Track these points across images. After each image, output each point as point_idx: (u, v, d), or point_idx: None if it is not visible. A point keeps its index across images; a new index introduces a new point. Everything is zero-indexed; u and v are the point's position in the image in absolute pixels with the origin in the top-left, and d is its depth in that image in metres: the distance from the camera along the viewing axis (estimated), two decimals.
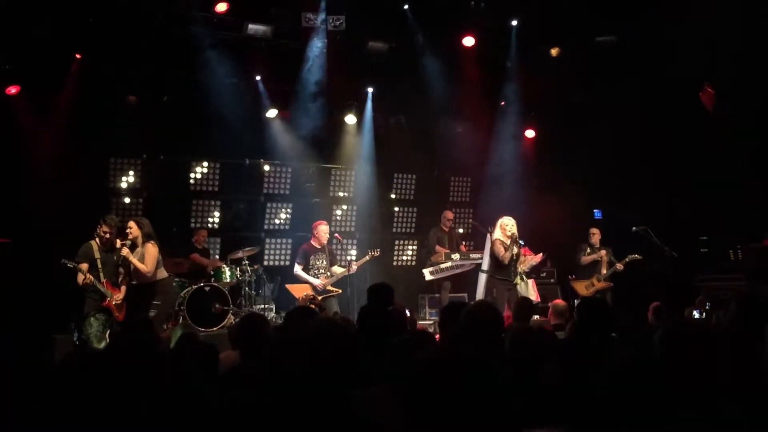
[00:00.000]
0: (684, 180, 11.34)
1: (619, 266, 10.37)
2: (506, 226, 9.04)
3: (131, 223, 8.11)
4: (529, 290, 9.67)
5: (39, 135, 9.38)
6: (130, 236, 8.02)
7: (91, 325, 4.40)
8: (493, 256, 9.12)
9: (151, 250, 8.01)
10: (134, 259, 7.94)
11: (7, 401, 2.63)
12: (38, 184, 9.18)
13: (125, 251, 7.93)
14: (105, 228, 7.86)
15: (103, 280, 7.80)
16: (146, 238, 8.05)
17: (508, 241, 8.95)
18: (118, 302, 7.85)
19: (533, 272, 10.54)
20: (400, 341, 3.04)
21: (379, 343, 3.34)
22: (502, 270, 9.02)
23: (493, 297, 9.38)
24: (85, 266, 7.68)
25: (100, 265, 7.79)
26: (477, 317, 3.84)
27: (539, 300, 10.12)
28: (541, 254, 9.81)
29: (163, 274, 8.22)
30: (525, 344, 3.67)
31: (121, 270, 8.05)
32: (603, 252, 10.59)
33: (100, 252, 7.84)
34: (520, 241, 9.09)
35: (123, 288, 7.99)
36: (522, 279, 9.19)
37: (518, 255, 9.14)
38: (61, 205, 9.21)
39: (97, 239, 7.88)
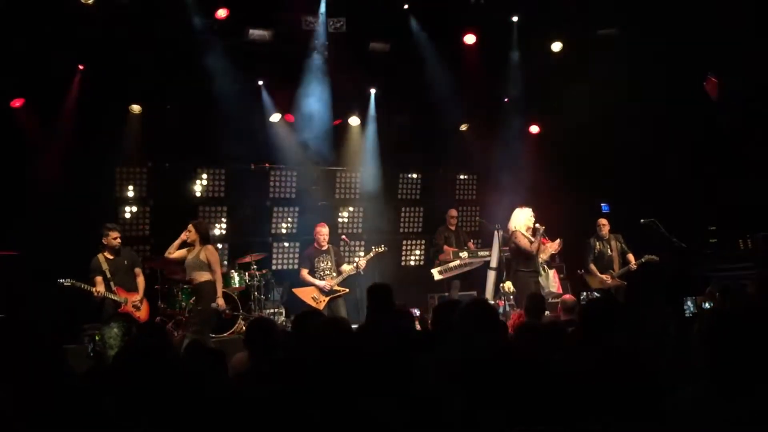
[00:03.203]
0: (691, 170, 11.27)
1: (633, 266, 10.14)
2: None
3: (190, 227, 8.22)
4: (550, 281, 9.45)
5: (44, 147, 9.41)
6: (189, 239, 8.16)
7: (112, 329, 4.46)
8: (517, 250, 8.97)
9: (214, 252, 8.20)
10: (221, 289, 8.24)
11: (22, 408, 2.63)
12: (45, 196, 9.21)
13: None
14: (114, 234, 8.13)
15: (114, 288, 8.00)
16: (204, 240, 8.18)
17: (530, 233, 8.88)
18: (136, 303, 8.11)
19: (552, 262, 10.43)
20: None
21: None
22: (529, 262, 8.90)
23: (503, 293, 9.36)
24: (99, 279, 7.96)
25: (109, 275, 8.03)
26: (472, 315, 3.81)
27: (561, 291, 9.99)
28: (558, 240, 9.59)
29: (205, 277, 8.12)
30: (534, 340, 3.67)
31: (137, 270, 8.30)
32: (614, 246, 10.38)
33: (107, 262, 8.07)
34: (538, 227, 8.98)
35: (140, 287, 8.26)
36: (544, 270, 9.08)
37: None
38: (68, 217, 9.25)
39: (104, 251, 8.10)
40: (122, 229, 8.74)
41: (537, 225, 8.90)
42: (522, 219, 8.99)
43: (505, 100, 12.44)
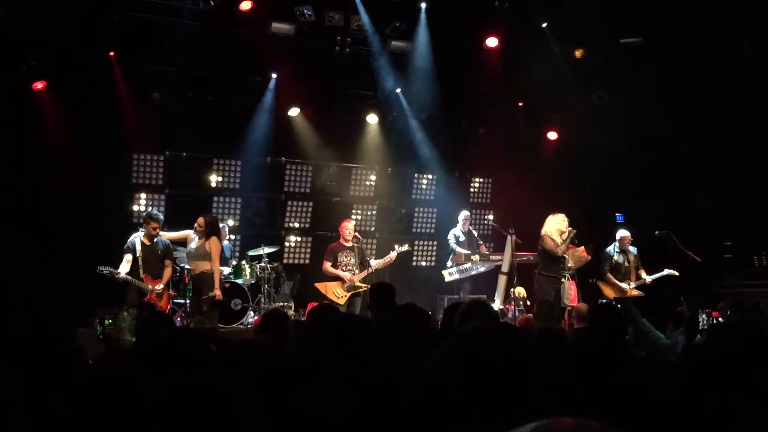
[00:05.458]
0: (708, 183, 11.19)
1: (648, 280, 9.96)
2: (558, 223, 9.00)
3: (200, 220, 8.48)
4: (565, 292, 9.26)
5: (64, 131, 9.44)
6: (197, 230, 8.43)
7: (125, 320, 4.49)
8: (543, 253, 8.96)
9: (218, 244, 8.48)
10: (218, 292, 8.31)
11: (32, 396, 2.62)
12: (62, 181, 9.25)
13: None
14: (155, 224, 8.30)
15: (143, 275, 8.19)
16: (211, 233, 8.41)
17: (559, 238, 8.85)
18: (159, 291, 8.29)
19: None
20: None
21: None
22: (552, 267, 8.86)
23: (513, 298, 9.32)
24: (128, 258, 8.15)
25: (141, 262, 8.20)
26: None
27: (575, 303, 9.86)
28: (582, 247, 9.43)
29: (207, 266, 8.38)
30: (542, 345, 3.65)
31: (167, 262, 8.47)
32: (632, 258, 10.24)
33: (142, 246, 8.24)
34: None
35: (166, 276, 8.42)
36: (565, 277, 8.97)
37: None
38: (85, 202, 9.30)
39: (143, 236, 8.28)
40: (138, 216, 9.03)
41: (570, 229, 8.90)
42: (553, 223, 9.00)
43: (519, 104, 12.41)
